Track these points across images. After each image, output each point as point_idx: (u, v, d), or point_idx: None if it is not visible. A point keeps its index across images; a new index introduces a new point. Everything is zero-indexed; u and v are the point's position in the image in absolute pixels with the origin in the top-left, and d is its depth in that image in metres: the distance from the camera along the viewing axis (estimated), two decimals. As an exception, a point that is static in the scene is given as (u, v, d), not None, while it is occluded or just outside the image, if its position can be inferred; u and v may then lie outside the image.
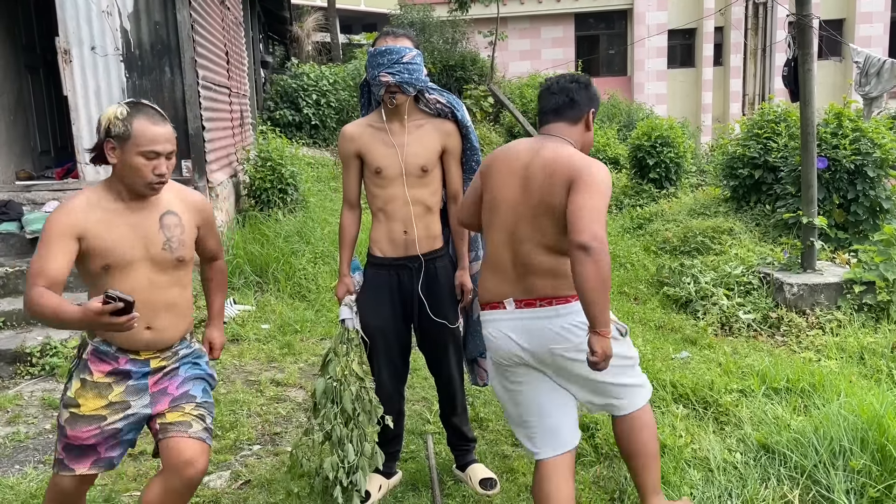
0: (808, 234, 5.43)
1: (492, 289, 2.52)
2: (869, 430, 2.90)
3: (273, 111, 11.73)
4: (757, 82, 12.93)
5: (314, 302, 5.86)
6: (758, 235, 6.71)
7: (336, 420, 2.72)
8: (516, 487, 3.08)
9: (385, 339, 2.97)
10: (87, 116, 5.99)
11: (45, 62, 7.59)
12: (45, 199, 5.96)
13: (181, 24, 5.97)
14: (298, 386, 4.38)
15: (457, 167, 3.01)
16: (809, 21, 5.30)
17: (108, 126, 2.21)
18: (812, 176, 5.40)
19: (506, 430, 3.62)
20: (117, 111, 2.21)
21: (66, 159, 7.26)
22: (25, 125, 7.25)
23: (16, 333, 4.83)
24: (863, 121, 6.76)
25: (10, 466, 3.45)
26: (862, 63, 10.06)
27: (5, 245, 5.57)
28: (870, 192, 6.30)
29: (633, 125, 12.22)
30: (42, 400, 4.20)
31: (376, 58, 2.80)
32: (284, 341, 5.03)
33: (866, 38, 18.74)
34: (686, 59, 20.32)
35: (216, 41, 7.49)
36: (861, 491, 2.73)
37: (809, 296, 5.14)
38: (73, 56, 5.90)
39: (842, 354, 4.45)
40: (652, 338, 4.97)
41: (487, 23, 15.88)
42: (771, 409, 3.49)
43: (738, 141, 7.83)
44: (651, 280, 6.41)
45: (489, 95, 13.80)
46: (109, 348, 2.32)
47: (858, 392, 3.49)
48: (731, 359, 4.35)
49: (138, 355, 2.36)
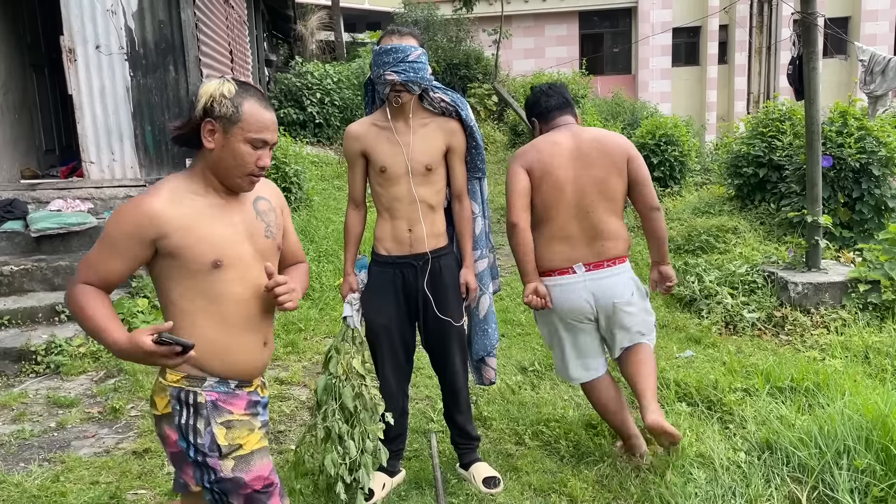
0: (813, 232, 5.42)
1: (560, 257, 3.04)
2: (873, 430, 2.89)
3: (277, 110, 11.69)
4: (762, 80, 12.90)
5: (318, 300, 5.86)
6: (762, 234, 6.70)
7: (336, 417, 2.72)
8: (520, 486, 3.08)
9: (389, 337, 2.98)
10: (91, 115, 6.00)
11: (50, 61, 7.61)
12: (50, 198, 5.98)
13: (185, 22, 5.98)
14: (302, 384, 4.38)
15: (461, 166, 3.01)
16: (814, 19, 5.28)
17: (209, 104, 1.87)
18: (817, 174, 5.38)
19: (509, 428, 3.62)
20: (224, 87, 1.88)
21: (71, 158, 7.28)
22: (30, 124, 7.28)
23: (21, 331, 4.85)
24: (868, 119, 6.74)
25: (14, 464, 3.46)
26: (867, 61, 10.01)
27: (10, 243, 5.58)
28: (875, 191, 6.28)
29: (637, 123, 12.19)
30: (47, 398, 4.21)
31: (381, 56, 2.79)
32: (288, 340, 5.04)
33: (872, 36, 18.68)
34: (690, 57, 20.27)
35: (220, 40, 7.49)
36: (865, 490, 2.72)
37: (814, 295, 5.12)
38: (78, 55, 5.91)
39: (846, 353, 4.44)
40: (656, 336, 4.96)
41: (491, 21, 15.85)
42: (775, 409, 3.49)
43: (743, 139, 7.81)
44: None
45: (493, 94, 13.78)
46: (228, 387, 1.99)
47: (863, 391, 3.49)
48: (736, 358, 4.34)
49: (250, 385, 2.06)
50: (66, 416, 3.94)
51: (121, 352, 1.77)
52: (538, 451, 3.36)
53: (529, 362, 4.46)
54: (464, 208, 3.04)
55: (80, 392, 4.30)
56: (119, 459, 3.45)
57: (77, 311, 1.84)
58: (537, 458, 3.29)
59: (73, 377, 4.51)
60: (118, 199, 6.05)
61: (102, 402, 4.13)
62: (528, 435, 3.49)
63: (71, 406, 4.09)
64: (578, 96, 13.13)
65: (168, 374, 1.95)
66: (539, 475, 3.14)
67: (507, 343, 4.94)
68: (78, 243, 5.62)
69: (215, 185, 1.96)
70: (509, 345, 4.90)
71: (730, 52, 19.69)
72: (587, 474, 3.12)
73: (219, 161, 1.92)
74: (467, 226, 3.05)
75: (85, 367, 4.59)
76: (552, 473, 3.16)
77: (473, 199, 3.11)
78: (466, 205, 3.05)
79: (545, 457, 3.31)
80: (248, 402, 2.02)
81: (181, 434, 1.93)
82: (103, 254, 1.87)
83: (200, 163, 1.95)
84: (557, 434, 3.45)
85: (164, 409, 1.95)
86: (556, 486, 3.04)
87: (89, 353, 4.70)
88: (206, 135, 1.89)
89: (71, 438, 3.73)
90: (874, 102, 9.89)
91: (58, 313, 5.00)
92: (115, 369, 4.57)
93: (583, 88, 13.63)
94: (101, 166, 6.09)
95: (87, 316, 1.82)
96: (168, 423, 1.96)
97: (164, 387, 1.95)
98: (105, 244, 1.87)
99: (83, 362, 4.62)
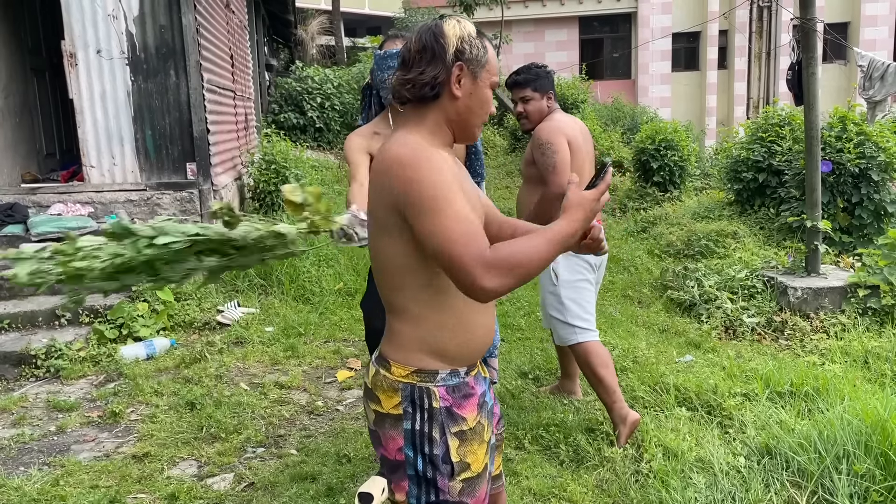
0: (813, 237, 5.42)
1: None
2: (873, 435, 2.90)
3: (277, 114, 11.75)
4: (761, 85, 12.93)
5: (318, 305, 5.87)
6: (762, 239, 6.71)
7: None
8: (519, 490, 3.08)
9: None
10: (92, 119, 6.01)
11: (51, 65, 7.63)
12: (51, 202, 5.99)
13: (186, 27, 6.00)
14: (302, 388, 4.39)
15: (461, 171, 2.99)
16: (814, 24, 5.30)
17: (459, 46, 1.62)
18: (816, 179, 5.39)
19: (509, 432, 3.62)
20: (468, 28, 1.64)
21: (72, 162, 7.29)
22: (31, 128, 7.29)
23: (21, 335, 4.85)
24: (867, 124, 6.75)
25: (14, 468, 3.46)
26: (866, 67, 10.05)
27: (10, 247, 5.59)
28: (874, 196, 6.29)
29: (637, 128, 12.21)
30: (47, 402, 4.21)
31: (385, 60, 2.77)
32: (288, 344, 5.04)
33: (871, 41, 18.73)
34: (690, 62, 20.33)
35: (221, 44, 7.51)
36: (865, 495, 2.72)
37: (814, 299, 5.13)
38: (79, 59, 5.93)
39: (846, 358, 4.44)
40: (655, 341, 4.96)
41: (492, 26, 15.89)
42: (774, 413, 3.49)
43: (743, 144, 7.83)
44: (655, 283, 6.41)
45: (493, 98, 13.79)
46: (459, 376, 1.70)
47: (862, 396, 3.49)
48: (735, 362, 4.34)
49: (475, 368, 1.78)
50: (66, 420, 3.94)
51: (574, 232, 1.54)
52: (538, 455, 3.36)
53: (529, 367, 4.46)
54: None
55: (80, 396, 4.30)
56: (119, 463, 3.44)
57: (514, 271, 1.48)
58: (537, 463, 3.29)
59: (73, 381, 4.51)
60: (118, 203, 6.06)
61: (102, 406, 4.13)
62: (527, 439, 3.48)
63: (71, 410, 4.09)
64: (578, 101, 13.16)
65: (394, 367, 1.67)
66: (539, 479, 3.14)
67: (507, 347, 4.94)
68: (78, 247, 5.62)
69: (448, 140, 1.70)
70: (509, 349, 4.90)
71: (729, 57, 19.74)
72: (587, 479, 3.12)
73: (464, 111, 1.67)
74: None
75: (85, 371, 4.59)
76: (552, 478, 3.16)
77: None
78: None
79: (545, 461, 3.31)
80: (481, 395, 1.74)
81: (410, 441, 1.65)
82: (458, 212, 1.51)
83: (433, 116, 1.66)
84: (557, 438, 3.45)
85: (392, 409, 1.66)
86: (555, 491, 3.04)
87: (89, 356, 4.70)
88: (455, 82, 1.63)
89: (71, 442, 3.73)
90: (873, 108, 9.92)
91: (58, 317, 5.01)
92: (114, 373, 4.57)
93: (583, 93, 13.65)
94: (101, 170, 6.10)
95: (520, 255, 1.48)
96: (394, 424, 1.66)
97: (392, 384, 1.66)
98: (446, 204, 1.51)
99: (83, 366, 4.62)
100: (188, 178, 6.15)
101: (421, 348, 1.64)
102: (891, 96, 10.02)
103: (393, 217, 1.57)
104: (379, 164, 1.61)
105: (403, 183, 1.53)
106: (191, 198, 6.16)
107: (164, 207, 6.14)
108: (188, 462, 3.48)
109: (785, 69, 11.19)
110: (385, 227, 1.60)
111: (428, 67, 1.62)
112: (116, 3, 5.91)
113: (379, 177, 1.61)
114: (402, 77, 1.65)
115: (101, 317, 5.04)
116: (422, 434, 1.64)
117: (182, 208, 6.16)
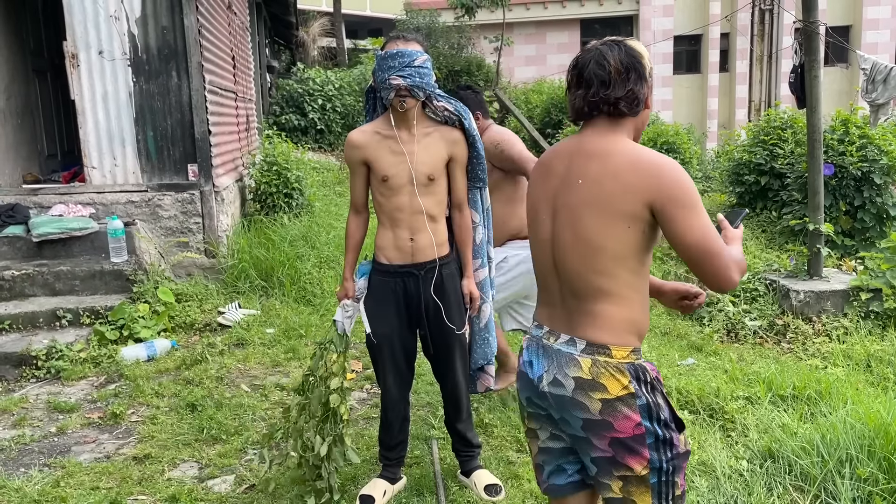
0: (815, 240, 5.41)
1: None
2: (876, 439, 2.89)
3: (279, 116, 11.76)
4: (763, 88, 12.93)
5: (319, 306, 5.86)
6: (764, 242, 6.70)
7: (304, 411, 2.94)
8: (521, 494, 3.07)
9: (391, 345, 2.97)
10: (93, 120, 6.01)
11: (53, 66, 7.63)
12: (52, 203, 5.98)
13: (188, 28, 6.00)
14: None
15: (462, 176, 3.00)
16: (816, 27, 5.29)
17: (650, 65, 1.86)
18: (818, 182, 5.38)
19: (510, 436, 3.61)
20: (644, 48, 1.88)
21: (73, 163, 7.30)
22: (32, 129, 7.29)
23: (21, 336, 4.85)
24: (869, 128, 6.75)
25: (15, 469, 3.46)
26: (869, 70, 10.04)
27: (11, 248, 5.59)
28: (876, 199, 6.29)
29: (638, 131, 12.22)
30: (47, 403, 4.20)
31: (387, 61, 2.78)
32: (289, 346, 5.03)
33: (873, 44, 18.72)
34: (692, 64, 20.31)
35: (223, 46, 7.52)
36: (867, 499, 2.71)
37: (816, 303, 5.12)
38: (81, 60, 5.93)
39: (848, 362, 4.43)
40: (658, 344, 4.96)
41: (493, 28, 15.89)
42: (777, 417, 3.48)
43: (745, 147, 7.82)
44: (656, 286, 6.39)
45: (494, 101, 13.82)
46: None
47: (865, 400, 3.48)
48: (737, 365, 4.34)
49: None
50: (67, 422, 3.94)
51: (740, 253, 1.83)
52: (539, 458, 3.35)
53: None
54: (464, 218, 3.04)
55: (81, 397, 4.29)
56: (119, 465, 3.44)
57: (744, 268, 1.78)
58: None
59: (74, 382, 4.50)
60: (120, 204, 6.06)
61: (103, 408, 4.12)
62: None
63: (71, 411, 4.08)
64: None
65: (615, 350, 1.80)
66: (540, 483, 3.12)
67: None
68: (79, 248, 5.63)
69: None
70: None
71: (731, 60, 19.73)
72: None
73: (642, 124, 1.91)
74: (468, 235, 3.05)
75: (85, 373, 4.58)
76: (553, 481, 3.14)
77: (474, 209, 3.11)
78: (467, 214, 3.05)
79: (546, 464, 3.30)
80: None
81: (646, 414, 1.79)
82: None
83: (631, 126, 1.87)
84: (559, 441, 3.43)
85: (622, 391, 1.79)
86: (557, 494, 3.03)
87: (90, 358, 4.70)
88: (648, 99, 1.87)
89: (71, 444, 3.72)
90: (876, 111, 9.91)
91: (58, 318, 5.00)
92: (115, 374, 4.56)
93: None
94: (102, 171, 6.10)
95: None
96: (628, 403, 1.78)
97: (617, 366, 1.79)
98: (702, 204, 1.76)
99: (83, 367, 4.62)
100: (189, 180, 6.15)
101: (629, 329, 1.82)
102: (893, 100, 10.01)
103: (640, 209, 1.73)
104: (633, 164, 1.76)
105: (673, 181, 1.72)
106: (192, 199, 6.16)
107: (166, 209, 6.13)
108: (189, 464, 3.48)
109: (786, 72, 11.20)
110: (624, 217, 1.75)
111: (636, 86, 1.82)
112: (118, 5, 5.91)
113: (630, 175, 1.75)
114: (608, 94, 1.81)
115: (101, 318, 5.03)
116: (654, 404, 1.81)
117: (183, 210, 6.16)
